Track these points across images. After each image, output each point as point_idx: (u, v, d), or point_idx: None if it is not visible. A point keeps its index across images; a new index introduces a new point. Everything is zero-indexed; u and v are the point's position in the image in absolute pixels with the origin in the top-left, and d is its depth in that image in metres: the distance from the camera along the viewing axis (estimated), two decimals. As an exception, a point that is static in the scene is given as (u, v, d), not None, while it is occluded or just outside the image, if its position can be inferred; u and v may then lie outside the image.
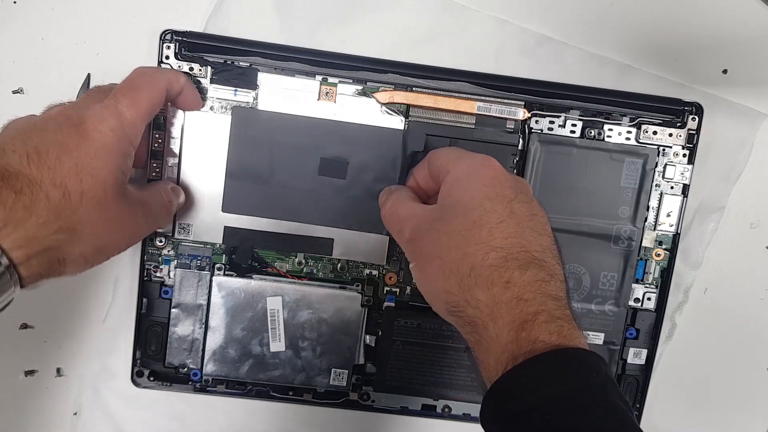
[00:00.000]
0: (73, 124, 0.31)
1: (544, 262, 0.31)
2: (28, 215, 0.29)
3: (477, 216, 0.31)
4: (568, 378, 0.28)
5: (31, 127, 0.31)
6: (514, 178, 0.33)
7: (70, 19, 0.40)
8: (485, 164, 0.33)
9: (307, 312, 0.40)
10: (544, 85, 0.40)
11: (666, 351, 0.43)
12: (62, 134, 0.31)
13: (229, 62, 0.38)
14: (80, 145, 0.31)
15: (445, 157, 0.35)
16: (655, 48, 0.41)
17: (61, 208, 0.30)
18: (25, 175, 0.29)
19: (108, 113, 0.32)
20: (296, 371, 0.41)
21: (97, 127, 0.31)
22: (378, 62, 0.39)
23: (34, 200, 0.29)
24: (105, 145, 0.32)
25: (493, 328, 0.30)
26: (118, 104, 0.33)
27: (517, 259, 0.30)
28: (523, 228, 0.31)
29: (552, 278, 0.31)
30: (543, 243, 0.32)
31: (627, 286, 0.41)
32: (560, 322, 0.29)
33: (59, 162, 0.30)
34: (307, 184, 0.39)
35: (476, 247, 0.31)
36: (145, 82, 0.34)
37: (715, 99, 0.41)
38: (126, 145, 0.33)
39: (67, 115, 0.32)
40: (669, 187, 0.40)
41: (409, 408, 0.42)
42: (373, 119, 0.39)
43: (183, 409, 0.43)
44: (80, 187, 0.30)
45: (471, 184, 0.33)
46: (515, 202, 0.32)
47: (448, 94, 0.39)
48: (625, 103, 0.40)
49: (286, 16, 0.40)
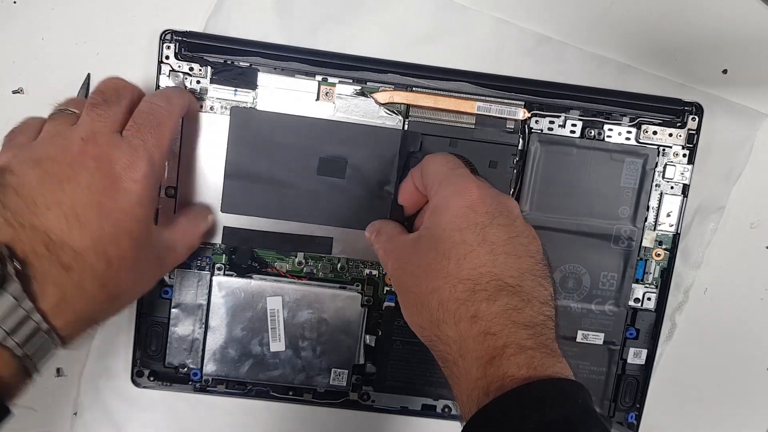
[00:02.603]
0: (106, 174, 0.30)
1: (519, 288, 0.30)
2: (79, 294, 0.29)
3: (446, 248, 0.31)
4: (542, 411, 0.26)
5: (61, 175, 0.29)
6: (494, 201, 0.32)
7: (70, 19, 0.40)
8: (461, 192, 0.32)
9: (307, 312, 0.40)
10: (544, 85, 0.40)
11: (666, 351, 0.43)
12: (97, 191, 0.30)
13: (229, 62, 0.38)
14: (117, 202, 0.30)
15: (432, 176, 0.35)
16: (655, 48, 0.41)
17: (106, 279, 0.30)
18: (69, 245, 0.29)
19: (138, 156, 0.31)
20: (296, 371, 0.41)
21: (130, 176, 0.31)
22: (378, 62, 0.39)
23: (83, 276, 0.29)
24: (140, 198, 0.31)
25: (462, 365, 0.29)
26: (146, 144, 0.32)
27: (486, 290, 0.29)
28: (496, 255, 0.30)
29: (527, 304, 0.29)
30: (522, 266, 0.31)
31: (627, 286, 0.41)
32: (531, 353, 0.28)
33: (100, 227, 0.29)
34: (306, 183, 0.39)
35: (444, 281, 0.30)
36: (165, 115, 0.33)
37: (715, 99, 0.41)
38: (156, 187, 0.32)
39: (95, 157, 0.30)
40: (669, 187, 0.40)
41: (409, 408, 0.42)
42: (371, 119, 0.39)
43: (183, 409, 0.43)
44: (119, 252, 0.30)
45: (443, 216, 0.32)
46: (490, 228, 0.31)
47: (448, 94, 0.39)
48: (625, 103, 0.40)
49: (286, 16, 0.40)
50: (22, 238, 0.28)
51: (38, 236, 0.28)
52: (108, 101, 0.32)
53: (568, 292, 0.41)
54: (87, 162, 0.30)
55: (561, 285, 0.41)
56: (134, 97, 0.34)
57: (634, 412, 0.42)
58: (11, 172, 0.29)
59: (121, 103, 0.33)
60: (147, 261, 0.33)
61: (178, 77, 0.38)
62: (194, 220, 0.37)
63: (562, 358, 0.29)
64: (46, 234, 0.28)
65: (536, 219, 0.40)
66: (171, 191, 0.39)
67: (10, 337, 0.27)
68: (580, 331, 0.41)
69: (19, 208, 0.28)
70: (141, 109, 0.33)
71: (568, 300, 0.41)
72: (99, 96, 0.32)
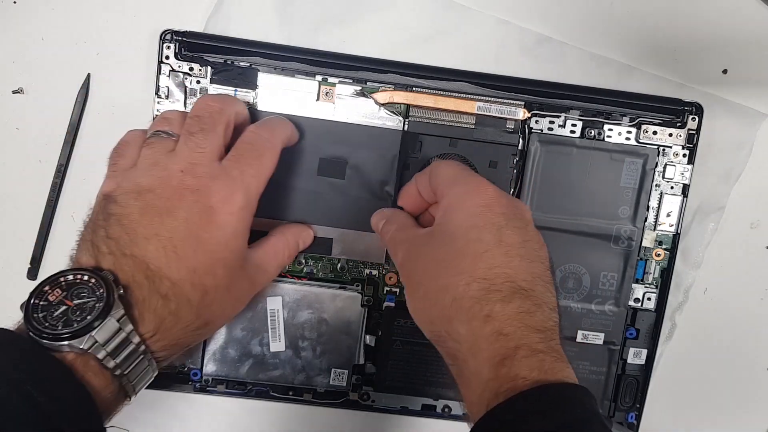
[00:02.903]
0: (203, 207, 0.31)
1: (531, 292, 0.30)
2: (175, 321, 0.30)
3: (462, 245, 0.31)
4: (552, 416, 0.26)
5: (161, 207, 0.30)
6: (509, 203, 0.32)
7: (70, 19, 0.40)
8: (477, 191, 0.32)
9: (307, 312, 0.40)
10: (544, 85, 0.40)
11: (666, 351, 0.43)
12: (194, 224, 0.31)
13: (229, 62, 0.38)
14: (213, 234, 0.31)
15: (444, 177, 0.35)
16: (655, 48, 0.41)
17: (200, 308, 0.31)
18: (167, 276, 0.30)
19: (236, 189, 0.32)
20: (296, 371, 0.41)
21: (227, 209, 0.31)
22: (378, 62, 0.39)
23: (179, 305, 0.30)
24: (235, 229, 0.32)
25: (473, 363, 0.29)
26: (245, 176, 0.32)
27: (501, 291, 0.29)
28: (511, 257, 0.30)
29: (538, 309, 0.30)
30: (534, 271, 0.31)
31: (627, 286, 0.41)
32: (542, 356, 0.28)
33: (196, 259, 0.30)
34: (307, 184, 0.39)
35: (458, 278, 0.30)
36: (268, 147, 0.34)
37: (715, 99, 0.41)
38: (250, 216, 0.33)
39: (193, 190, 0.31)
40: (669, 187, 0.40)
41: (409, 408, 0.42)
42: (371, 120, 0.39)
43: (183, 409, 0.43)
44: (214, 281, 0.31)
45: (460, 213, 0.32)
46: (506, 229, 0.31)
47: (448, 94, 0.39)
48: (625, 103, 0.40)
49: (286, 16, 0.40)
50: (124, 266, 0.29)
51: (139, 266, 0.30)
52: (205, 130, 0.33)
53: (568, 292, 0.41)
54: (185, 195, 0.31)
55: (561, 285, 0.41)
56: (230, 119, 0.34)
57: (634, 412, 0.42)
58: (115, 202, 0.31)
59: (217, 130, 0.33)
60: (240, 287, 0.34)
61: (178, 77, 0.38)
62: (285, 241, 0.37)
63: (569, 364, 0.29)
64: (146, 264, 0.30)
65: (536, 219, 0.40)
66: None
67: (112, 358, 0.28)
68: (580, 331, 0.41)
69: (122, 239, 0.30)
70: (244, 138, 0.34)
71: (568, 300, 0.41)
72: (196, 123, 0.33)
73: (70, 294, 0.28)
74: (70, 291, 0.28)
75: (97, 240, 0.30)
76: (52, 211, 0.41)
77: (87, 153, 0.41)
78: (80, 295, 0.28)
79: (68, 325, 0.28)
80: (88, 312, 0.28)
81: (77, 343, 0.27)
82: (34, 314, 0.28)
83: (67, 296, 0.28)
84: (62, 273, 0.29)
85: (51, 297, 0.28)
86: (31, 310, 0.28)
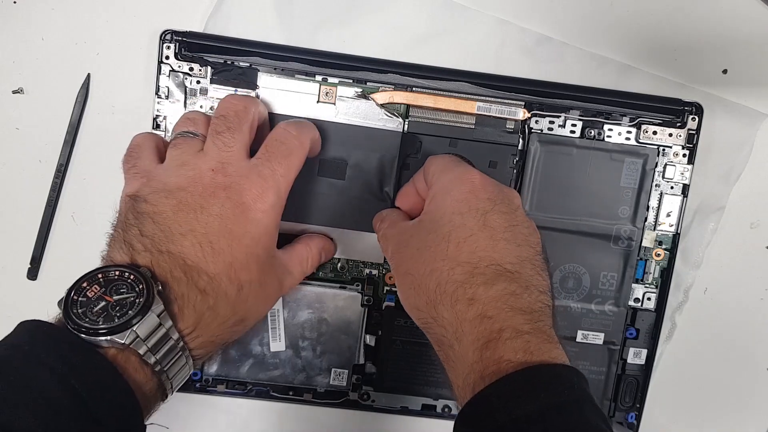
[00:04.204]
0: (236, 203, 0.31)
1: (517, 275, 0.30)
2: (213, 317, 0.30)
3: (446, 231, 0.31)
4: (538, 397, 0.26)
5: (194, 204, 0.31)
6: (496, 188, 0.32)
7: (70, 19, 0.40)
8: (462, 178, 0.32)
9: (307, 312, 0.40)
10: (544, 85, 0.40)
11: (666, 351, 0.43)
12: (228, 219, 0.31)
13: (229, 62, 0.38)
14: (247, 230, 0.31)
15: (433, 168, 0.35)
16: (655, 48, 0.41)
17: (237, 303, 0.31)
18: (204, 271, 0.30)
19: (267, 186, 0.32)
20: (296, 371, 0.41)
21: (259, 207, 0.32)
22: (378, 62, 0.39)
23: (217, 300, 0.30)
24: (267, 226, 0.32)
25: (458, 348, 0.29)
26: (275, 174, 0.32)
27: (484, 274, 0.29)
28: (496, 240, 0.30)
29: (525, 290, 0.29)
30: (521, 254, 0.31)
31: (627, 286, 0.41)
32: (527, 337, 0.28)
33: (231, 254, 0.31)
34: (307, 184, 0.39)
35: (443, 263, 0.30)
36: (297, 145, 0.34)
37: (715, 99, 0.41)
38: (280, 215, 0.33)
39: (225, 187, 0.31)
40: (669, 187, 0.40)
41: (409, 408, 0.42)
42: (372, 121, 0.39)
43: (183, 409, 0.43)
44: (249, 276, 0.32)
45: (445, 199, 0.32)
46: (491, 214, 0.31)
47: (448, 94, 0.39)
48: (625, 103, 0.40)
49: (286, 16, 0.40)
50: (161, 263, 0.30)
51: (176, 262, 0.30)
52: (231, 129, 0.33)
53: (568, 292, 0.41)
54: (218, 192, 0.31)
55: (561, 285, 0.41)
56: (254, 119, 0.34)
57: (634, 412, 0.42)
58: (145, 201, 0.31)
59: (243, 129, 0.33)
60: (271, 285, 0.34)
61: (178, 77, 0.38)
62: (310, 251, 0.38)
63: (559, 345, 0.29)
64: (182, 260, 0.30)
65: (536, 219, 0.40)
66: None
67: (153, 354, 0.28)
68: (580, 331, 0.41)
69: (156, 235, 0.30)
70: (274, 136, 0.34)
71: (568, 300, 0.41)
72: (222, 123, 0.33)
73: (108, 290, 0.28)
74: (108, 287, 0.28)
75: (130, 238, 0.30)
76: (52, 211, 0.41)
77: (87, 153, 0.41)
78: (119, 291, 0.28)
79: (109, 321, 0.28)
80: (128, 307, 0.28)
81: (119, 338, 0.27)
82: (74, 310, 0.28)
83: (105, 292, 0.28)
84: (99, 269, 0.29)
85: (90, 293, 0.28)
86: (70, 306, 0.28)
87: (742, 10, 0.41)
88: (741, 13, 0.41)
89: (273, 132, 0.34)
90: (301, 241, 0.38)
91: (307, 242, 0.38)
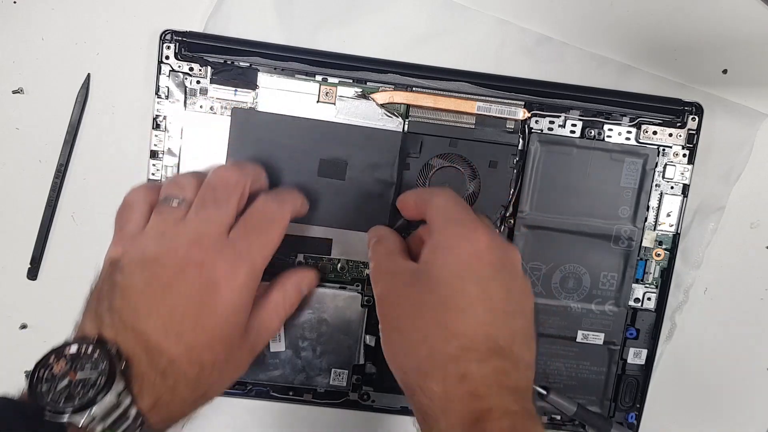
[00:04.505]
0: (205, 282, 0.31)
1: (509, 352, 0.29)
2: (172, 396, 0.30)
3: (445, 295, 0.30)
4: None
5: (164, 281, 0.30)
6: (500, 252, 0.31)
7: (70, 19, 0.40)
8: (468, 236, 0.31)
9: (307, 312, 0.40)
10: (544, 85, 0.40)
11: (666, 351, 0.43)
12: (195, 300, 0.30)
13: (229, 62, 0.38)
14: (214, 310, 0.31)
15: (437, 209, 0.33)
16: (655, 48, 0.41)
17: (198, 383, 0.31)
18: (165, 352, 0.30)
19: (240, 263, 0.31)
20: (296, 371, 0.41)
21: (230, 284, 0.31)
22: (378, 62, 0.39)
23: (177, 381, 0.30)
24: (236, 305, 0.31)
25: (444, 423, 0.29)
26: (251, 249, 0.32)
27: (479, 350, 0.29)
28: (494, 313, 0.30)
29: (515, 368, 0.29)
30: (515, 326, 0.30)
31: (627, 286, 0.41)
32: (515, 417, 0.28)
33: (195, 336, 0.30)
34: (307, 185, 0.39)
35: (437, 331, 0.29)
36: (277, 218, 0.33)
37: (715, 99, 0.41)
38: (254, 289, 0.32)
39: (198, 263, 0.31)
40: (669, 187, 0.40)
41: (409, 408, 0.42)
42: (372, 121, 0.39)
43: (183, 409, 0.43)
44: (213, 357, 0.31)
45: (448, 257, 0.31)
46: (492, 282, 0.30)
47: (448, 94, 0.39)
48: (625, 103, 0.40)
49: (286, 16, 0.40)
50: (127, 340, 0.30)
51: (139, 340, 0.30)
52: (218, 201, 0.32)
53: (568, 292, 0.41)
54: (189, 269, 0.31)
55: (561, 285, 0.41)
56: (245, 190, 0.34)
57: (634, 412, 0.42)
58: (121, 271, 0.31)
59: (230, 202, 0.33)
60: (239, 357, 0.34)
61: (178, 77, 0.38)
62: (284, 294, 0.36)
63: (540, 422, 0.29)
64: (146, 339, 0.30)
65: (536, 219, 0.40)
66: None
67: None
68: (580, 331, 0.41)
69: (124, 311, 0.30)
70: (253, 209, 0.33)
71: (568, 300, 0.41)
72: (209, 194, 0.33)
73: (74, 366, 0.29)
74: (74, 363, 0.29)
75: (101, 311, 0.30)
76: (52, 211, 0.41)
77: (87, 153, 0.41)
78: (84, 367, 0.29)
79: (70, 401, 0.28)
80: (90, 387, 0.28)
81: (78, 417, 0.28)
82: (39, 387, 0.28)
83: (71, 368, 0.29)
84: (68, 344, 0.29)
85: (56, 369, 0.29)
86: (36, 382, 0.28)
87: (742, 10, 0.41)
88: (741, 13, 0.41)
89: (253, 205, 0.33)
90: (275, 287, 0.36)
91: (282, 285, 0.36)
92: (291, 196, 0.36)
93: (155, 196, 0.34)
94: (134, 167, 0.40)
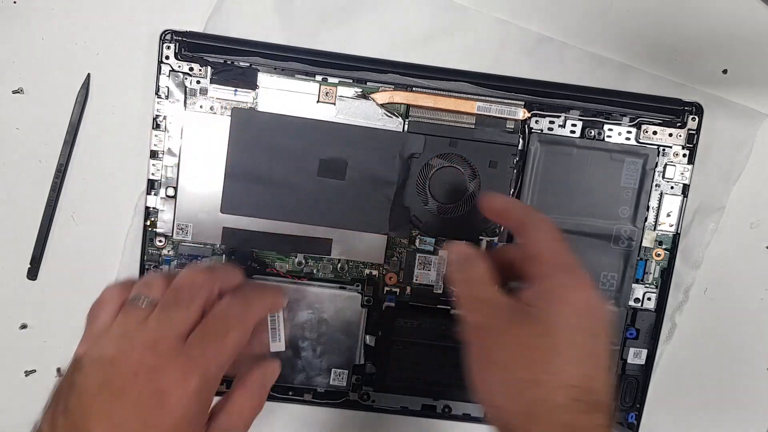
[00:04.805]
0: (153, 391, 0.30)
1: (607, 406, 0.30)
2: None
3: (560, 343, 0.30)
4: None
5: (116, 386, 0.30)
6: (605, 309, 0.31)
7: (70, 19, 0.40)
8: (580, 289, 0.31)
9: (307, 312, 0.40)
10: (544, 85, 0.40)
11: (666, 351, 0.43)
12: (144, 409, 0.29)
13: (229, 62, 0.38)
14: (162, 420, 0.30)
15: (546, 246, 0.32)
16: (655, 48, 0.41)
17: None
18: None
19: (192, 372, 0.30)
20: (296, 371, 0.41)
21: (179, 393, 0.30)
22: (378, 62, 0.39)
23: None
24: (185, 416, 0.30)
25: None
26: (206, 356, 0.31)
27: (586, 402, 0.29)
28: (599, 369, 0.30)
29: (610, 422, 0.30)
30: (610, 381, 0.31)
31: (627, 286, 0.41)
32: None
33: None
34: (307, 185, 0.39)
35: (549, 377, 0.29)
36: (237, 322, 0.32)
37: (715, 99, 0.41)
38: (209, 398, 0.31)
39: (150, 369, 0.30)
40: (669, 187, 0.40)
41: (409, 408, 0.42)
42: (372, 121, 0.39)
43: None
44: None
45: (563, 307, 0.30)
46: (599, 339, 0.31)
47: (448, 94, 0.39)
48: (625, 103, 0.40)
49: (286, 16, 0.40)
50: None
51: None
52: (180, 302, 0.31)
53: (568, 292, 0.41)
54: (140, 375, 0.30)
55: (561, 285, 0.41)
56: (213, 294, 0.32)
57: (634, 412, 0.42)
58: (80, 370, 0.30)
59: (194, 304, 0.32)
60: None
61: (178, 77, 0.38)
62: (248, 393, 0.35)
63: None
64: None
65: (536, 219, 0.40)
66: (171, 191, 0.39)
67: None
68: (580, 331, 0.41)
69: (76, 415, 0.29)
70: (214, 312, 0.32)
71: (568, 300, 0.41)
72: (173, 296, 0.32)
73: None
74: None
75: (57, 414, 0.30)
76: (52, 211, 0.41)
77: (87, 153, 0.41)
78: None
79: None
80: None
81: None
82: None
83: None
84: None
85: None
86: None
87: (742, 10, 0.41)
88: (741, 13, 0.41)
89: (213, 307, 0.32)
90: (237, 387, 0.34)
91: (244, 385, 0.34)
92: (260, 295, 0.35)
93: (128, 294, 0.33)
94: (134, 167, 0.40)
